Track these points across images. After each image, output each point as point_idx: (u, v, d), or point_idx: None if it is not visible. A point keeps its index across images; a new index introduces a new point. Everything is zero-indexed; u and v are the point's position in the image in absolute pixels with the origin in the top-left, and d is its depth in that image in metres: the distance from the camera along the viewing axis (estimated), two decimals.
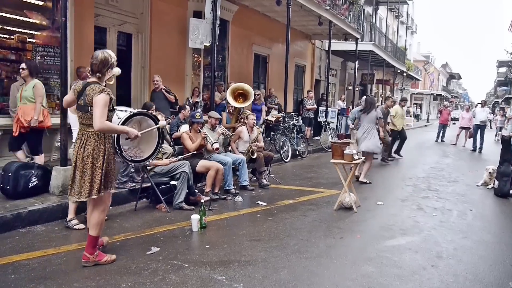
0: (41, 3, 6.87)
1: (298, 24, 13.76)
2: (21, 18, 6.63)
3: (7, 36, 6.53)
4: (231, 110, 8.29)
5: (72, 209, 4.44)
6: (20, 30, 6.64)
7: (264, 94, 11.58)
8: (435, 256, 3.99)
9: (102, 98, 3.22)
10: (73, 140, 3.71)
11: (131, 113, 3.72)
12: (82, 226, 4.36)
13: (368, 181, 7.44)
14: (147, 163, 4.04)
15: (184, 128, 6.25)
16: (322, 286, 3.25)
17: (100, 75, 3.36)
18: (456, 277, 3.52)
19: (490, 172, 7.44)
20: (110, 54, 3.41)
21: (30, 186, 4.96)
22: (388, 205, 5.99)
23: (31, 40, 6.75)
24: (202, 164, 5.76)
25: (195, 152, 5.78)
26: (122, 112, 3.69)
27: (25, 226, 4.37)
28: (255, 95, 8.70)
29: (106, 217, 4.01)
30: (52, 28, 6.95)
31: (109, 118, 3.37)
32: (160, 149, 4.26)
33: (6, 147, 6.28)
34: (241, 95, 8.06)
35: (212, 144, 5.99)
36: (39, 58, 6.75)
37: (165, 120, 5.12)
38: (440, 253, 4.08)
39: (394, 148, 11.30)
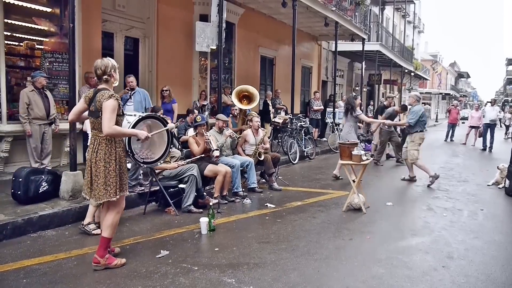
0: (49, 9, 6.95)
1: (304, 25, 13.75)
2: (29, 25, 6.71)
3: (16, 43, 6.61)
4: (235, 113, 8.28)
5: (91, 212, 4.42)
6: (28, 37, 6.73)
7: (270, 96, 11.59)
8: (446, 256, 3.96)
9: (110, 103, 3.34)
10: (89, 144, 3.78)
11: (140, 117, 3.86)
12: (99, 231, 4.23)
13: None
14: (159, 164, 4.15)
15: (192, 131, 6.28)
16: None
17: (107, 77, 3.47)
18: (468, 277, 3.48)
19: (501, 170, 7.35)
20: (109, 58, 3.55)
21: (41, 191, 5.00)
22: (397, 206, 5.95)
23: (40, 46, 6.84)
24: (210, 168, 5.76)
25: (202, 155, 5.80)
26: (131, 117, 3.83)
27: (36, 231, 4.41)
28: (163, 91, 8.33)
29: None
30: (60, 34, 7.04)
31: (118, 123, 3.46)
32: (170, 149, 4.34)
33: (16, 153, 6.37)
34: (245, 97, 8.05)
35: (213, 151, 5.80)
36: (47, 64, 6.83)
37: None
38: (451, 253, 4.04)
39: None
